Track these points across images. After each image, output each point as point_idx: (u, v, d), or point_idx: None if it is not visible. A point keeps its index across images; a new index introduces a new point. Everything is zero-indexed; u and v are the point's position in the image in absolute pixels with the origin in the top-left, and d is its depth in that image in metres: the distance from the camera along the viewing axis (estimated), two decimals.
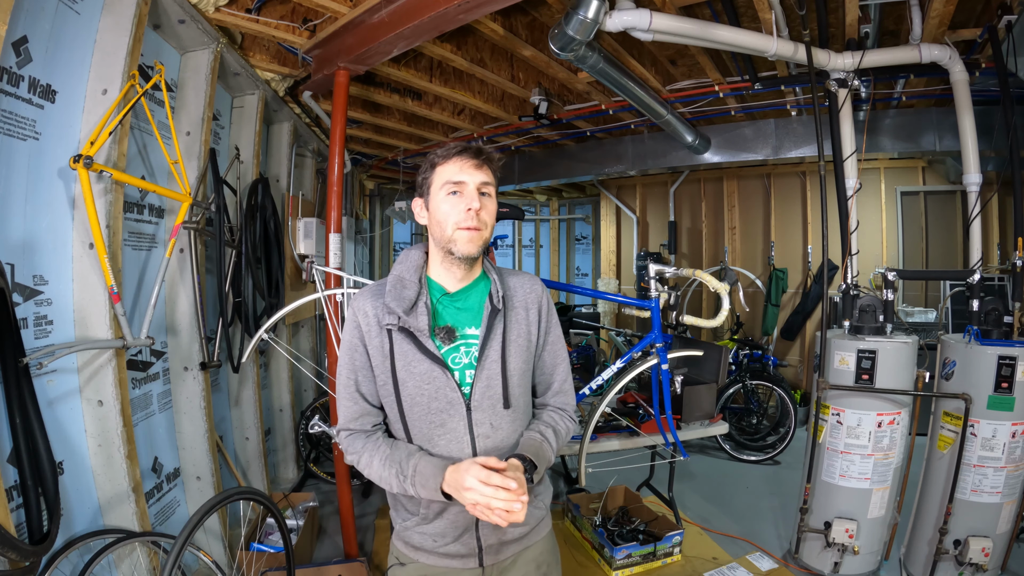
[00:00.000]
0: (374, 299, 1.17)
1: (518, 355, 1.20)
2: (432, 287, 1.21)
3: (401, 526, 1.23)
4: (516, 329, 1.21)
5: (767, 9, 2.53)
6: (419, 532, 1.19)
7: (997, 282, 4.05)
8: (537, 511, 1.25)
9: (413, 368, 1.14)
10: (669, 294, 2.52)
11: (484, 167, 1.16)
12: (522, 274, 1.30)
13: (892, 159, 4.94)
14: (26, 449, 1.55)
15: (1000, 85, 2.57)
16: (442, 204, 1.15)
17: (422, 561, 1.21)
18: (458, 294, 1.21)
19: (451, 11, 2.20)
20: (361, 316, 1.17)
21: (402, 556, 1.24)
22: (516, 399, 1.19)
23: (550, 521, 1.33)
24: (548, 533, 1.31)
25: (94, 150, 1.76)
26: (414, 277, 1.18)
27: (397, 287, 1.16)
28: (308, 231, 3.56)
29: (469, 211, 1.12)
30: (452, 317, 1.19)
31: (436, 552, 1.19)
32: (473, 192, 1.14)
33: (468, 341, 1.18)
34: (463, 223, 1.13)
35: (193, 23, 2.29)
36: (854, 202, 2.91)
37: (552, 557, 1.31)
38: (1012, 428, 2.32)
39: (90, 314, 1.86)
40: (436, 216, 1.16)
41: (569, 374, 1.33)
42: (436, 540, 1.18)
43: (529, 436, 1.20)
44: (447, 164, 1.15)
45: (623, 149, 4.96)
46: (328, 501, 3.37)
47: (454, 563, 1.19)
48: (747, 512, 3.40)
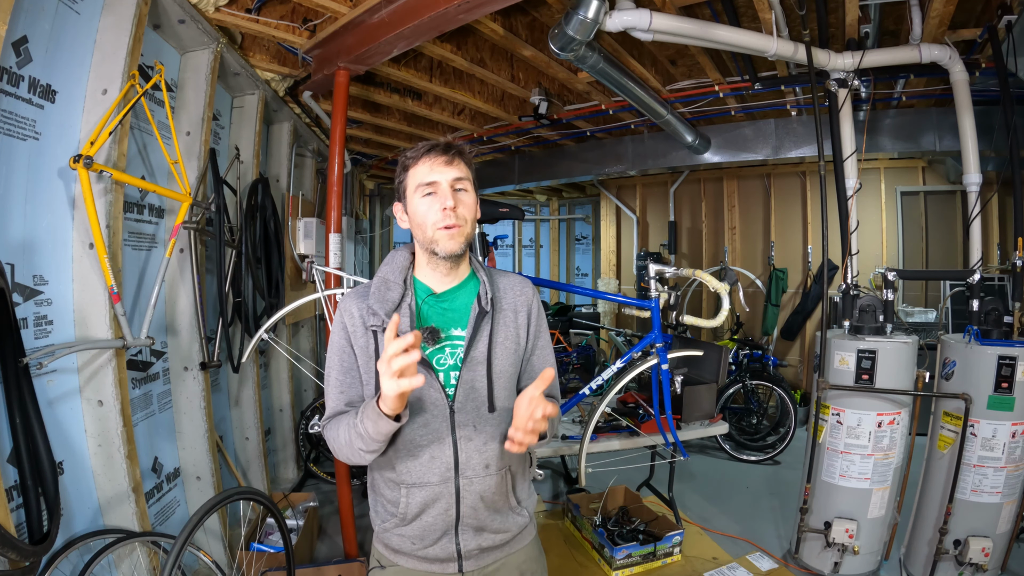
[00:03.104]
0: (359, 300, 1.17)
1: (505, 358, 1.19)
2: (419, 288, 1.20)
3: (380, 527, 1.21)
4: (504, 332, 1.20)
5: (767, 9, 2.53)
6: (398, 534, 1.18)
7: (997, 282, 4.06)
8: (520, 518, 1.24)
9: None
10: (669, 294, 2.52)
11: (455, 161, 1.14)
12: (512, 276, 1.29)
13: (892, 159, 4.94)
14: (26, 449, 1.55)
15: (1000, 85, 2.57)
16: (419, 206, 1.14)
17: (402, 565, 1.19)
18: (445, 295, 1.20)
19: (451, 11, 2.20)
20: (347, 317, 1.17)
21: (382, 559, 1.23)
22: (501, 402, 1.18)
23: (534, 528, 1.31)
24: (532, 540, 1.29)
25: (94, 150, 1.76)
26: (399, 278, 1.18)
27: (381, 289, 1.16)
28: (308, 231, 3.56)
29: (445, 210, 1.11)
30: (438, 318, 1.18)
31: (415, 555, 1.18)
32: (447, 190, 1.13)
33: (454, 342, 1.17)
34: (441, 223, 1.12)
35: (193, 23, 2.29)
36: (854, 202, 2.91)
37: (537, 565, 1.30)
38: (1012, 428, 2.32)
39: (90, 314, 1.86)
40: (415, 219, 1.15)
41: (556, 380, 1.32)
42: (415, 543, 1.17)
43: None
44: (418, 165, 1.14)
45: (623, 149, 4.96)
46: (328, 501, 3.37)
47: (434, 567, 1.18)
48: (747, 512, 3.40)
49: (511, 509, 1.22)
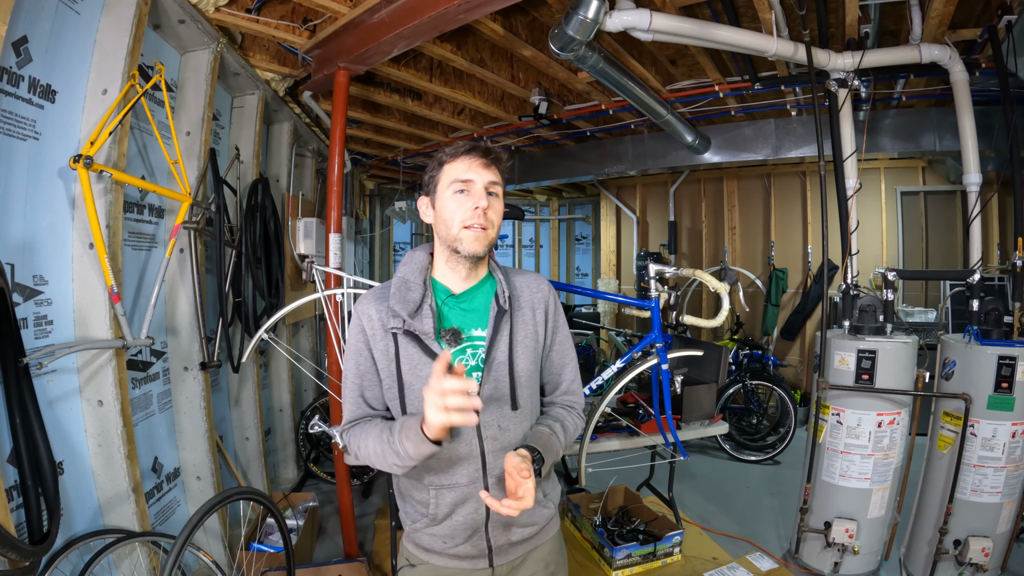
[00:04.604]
0: (378, 302, 1.17)
1: (525, 356, 1.19)
2: (437, 289, 1.19)
3: (411, 527, 1.22)
4: (523, 330, 1.20)
5: (767, 9, 2.53)
6: (429, 534, 1.19)
7: (997, 282, 4.06)
8: (546, 510, 1.25)
9: (420, 371, 1.12)
10: (669, 294, 2.52)
11: (492, 167, 1.15)
12: (528, 273, 1.29)
13: (892, 159, 4.93)
14: (26, 449, 1.55)
15: (1000, 85, 2.57)
16: (449, 202, 1.14)
17: (432, 563, 1.20)
18: (464, 295, 1.20)
19: (451, 11, 2.20)
20: (365, 320, 1.16)
21: (412, 558, 1.23)
22: (524, 400, 1.18)
23: (559, 521, 1.32)
24: (557, 532, 1.31)
25: (94, 150, 1.76)
26: (419, 279, 1.17)
27: (402, 289, 1.15)
28: (308, 231, 3.56)
29: (476, 209, 1.12)
30: (458, 319, 1.18)
31: (446, 554, 1.19)
32: (481, 191, 1.13)
33: (475, 343, 1.16)
34: (469, 221, 1.12)
35: (193, 23, 2.29)
36: (854, 202, 2.91)
37: (560, 556, 1.31)
38: (1012, 428, 2.32)
39: (90, 314, 1.86)
40: (443, 214, 1.15)
41: (578, 373, 1.32)
42: (446, 542, 1.18)
43: (538, 429, 1.19)
44: (455, 162, 1.14)
45: (623, 149, 4.96)
46: (328, 501, 3.37)
47: (464, 564, 1.19)
48: (747, 512, 3.40)
49: (538, 503, 1.22)
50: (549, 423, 1.22)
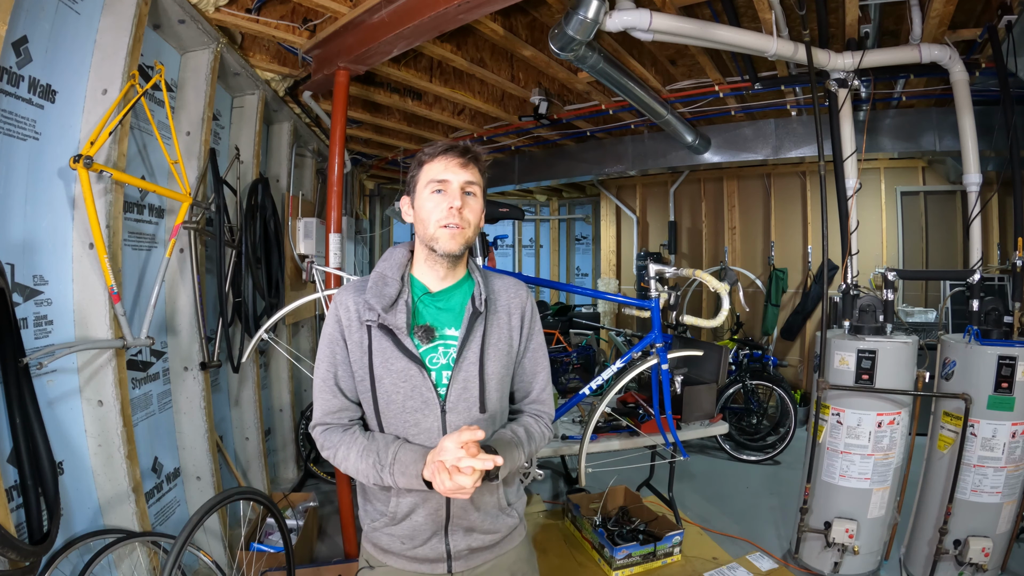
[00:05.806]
0: (356, 294, 1.17)
1: (497, 360, 1.19)
2: (415, 285, 1.20)
3: (370, 527, 1.21)
4: (497, 333, 1.20)
5: (767, 9, 2.53)
6: (387, 533, 1.18)
7: (997, 282, 4.06)
8: (510, 519, 1.24)
9: (391, 365, 1.13)
10: (669, 294, 2.52)
11: (470, 166, 1.15)
12: (507, 278, 1.29)
13: (892, 159, 4.94)
14: (26, 449, 1.55)
15: (1000, 85, 2.57)
16: (426, 202, 1.15)
17: (391, 564, 1.19)
18: (440, 294, 1.20)
19: (451, 11, 2.20)
20: (342, 310, 1.17)
21: (371, 559, 1.23)
22: (492, 404, 1.18)
23: (524, 529, 1.31)
24: (522, 541, 1.29)
25: (94, 150, 1.76)
26: (396, 275, 1.18)
27: (379, 284, 1.16)
28: (308, 231, 3.56)
29: (451, 209, 1.12)
30: (433, 316, 1.19)
31: (405, 555, 1.18)
32: (456, 191, 1.14)
33: (447, 342, 1.17)
34: (445, 220, 1.13)
35: (193, 23, 2.29)
36: (854, 202, 2.91)
37: (528, 566, 1.30)
38: (1012, 428, 2.32)
39: (90, 314, 1.86)
40: (420, 214, 1.17)
41: (549, 383, 1.31)
42: (404, 543, 1.17)
43: (501, 433, 1.19)
44: (432, 163, 1.16)
45: (623, 149, 4.96)
46: (328, 501, 3.37)
47: (423, 568, 1.18)
48: (747, 512, 3.40)
49: (501, 510, 1.22)
50: (514, 428, 1.21)
